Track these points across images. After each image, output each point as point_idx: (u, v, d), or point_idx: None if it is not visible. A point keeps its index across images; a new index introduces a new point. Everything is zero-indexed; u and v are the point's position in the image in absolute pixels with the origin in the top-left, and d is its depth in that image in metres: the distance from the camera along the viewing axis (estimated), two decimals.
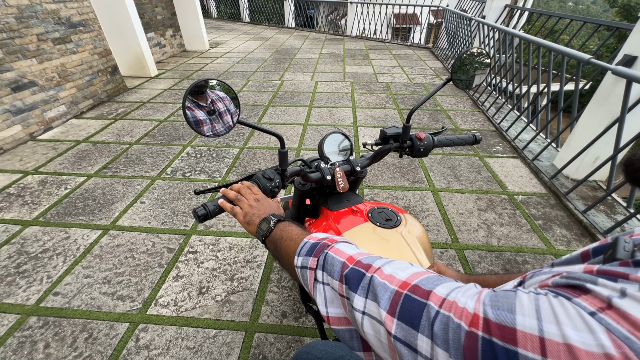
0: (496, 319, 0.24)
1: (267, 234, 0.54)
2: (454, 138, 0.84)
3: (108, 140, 2.89)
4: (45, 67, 2.99)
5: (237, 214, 0.60)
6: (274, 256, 0.54)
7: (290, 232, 0.51)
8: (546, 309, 0.23)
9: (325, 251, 0.43)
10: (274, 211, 0.60)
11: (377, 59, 5.81)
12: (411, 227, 0.75)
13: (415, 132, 0.82)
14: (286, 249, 0.49)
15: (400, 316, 0.30)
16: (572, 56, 2.14)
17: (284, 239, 0.50)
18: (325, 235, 0.47)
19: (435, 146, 0.82)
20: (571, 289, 0.25)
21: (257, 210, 0.59)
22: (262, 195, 0.63)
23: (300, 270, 0.44)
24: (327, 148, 0.82)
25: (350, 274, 0.37)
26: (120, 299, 1.47)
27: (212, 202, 0.62)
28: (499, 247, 1.76)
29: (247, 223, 0.58)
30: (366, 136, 2.97)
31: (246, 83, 4.45)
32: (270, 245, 0.53)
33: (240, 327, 1.35)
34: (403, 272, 0.34)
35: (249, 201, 0.61)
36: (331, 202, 0.82)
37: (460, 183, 2.31)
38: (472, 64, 0.71)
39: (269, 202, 0.62)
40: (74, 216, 1.96)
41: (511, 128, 3.02)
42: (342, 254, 0.41)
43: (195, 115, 0.69)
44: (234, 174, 2.40)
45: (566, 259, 0.39)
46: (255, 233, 0.57)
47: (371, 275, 0.35)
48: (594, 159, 2.14)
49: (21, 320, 1.37)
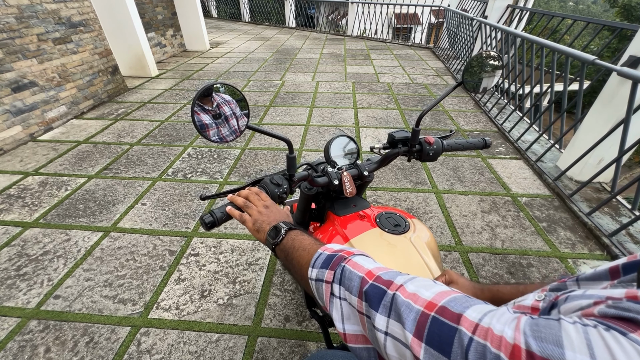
0: (541, 352, 0.23)
1: (277, 242, 0.52)
2: (463, 142, 0.83)
3: (109, 140, 2.87)
4: (46, 67, 2.97)
5: (246, 221, 0.59)
6: (283, 265, 0.53)
7: (303, 242, 0.49)
8: (599, 345, 0.21)
9: (342, 264, 0.41)
10: (283, 218, 0.58)
11: (378, 59, 5.80)
12: (420, 232, 0.74)
13: (424, 136, 0.81)
14: (298, 259, 0.47)
15: (428, 341, 0.29)
16: (576, 57, 2.13)
17: (296, 248, 0.49)
18: (340, 247, 0.46)
19: (444, 150, 0.81)
20: (623, 321, 0.23)
21: (266, 217, 0.58)
22: (270, 202, 0.62)
23: (315, 283, 0.42)
24: (334, 151, 0.81)
25: (370, 291, 0.36)
26: (121, 302, 1.45)
27: (219, 209, 0.61)
28: (503, 249, 1.75)
29: (257, 230, 0.57)
30: (368, 137, 2.96)
31: (247, 83, 4.43)
32: (280, 254, 0.52)
33: (243, 331, 1.33)
34: (427, 291, 0.32)
35: (258, 208, 0.59)
36: (338, 207, 0.81)
37: (464, 184, 2.30)
38: (483, 67, 0.70)
39: (278, 208, 0.61)
40: (75, 218, 1.95)
41: (514, 129, 3.00)
42: (361, 268, 0.39)
43: (201, 119, 0.68)
44: (235, 175, 2.39)
45: (593, 275, 0.37)
46: (264, 241, 0.55)
47: (393, 293, 0.34)
48: (599, 161, 2.12)
49: (22, 324, 1.36)
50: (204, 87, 0.58)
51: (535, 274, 1.60)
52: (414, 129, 0.76)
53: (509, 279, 1.57)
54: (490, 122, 3.30)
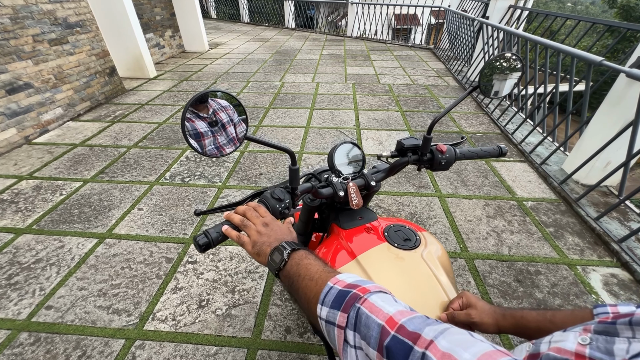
0: None
1: (280, 267, 0.47)
2: (477, 150, 0.78)
3: (105, 143, 2.82)
4: (41, 69, 2.92)
5: (244, 243, 0.53)
6: (289, 293, 0.47)
7: (309, 268, 0.44)
8: None
9: (357, 306, 0.36)
10: (285, 237, 0.53)
11: (378, 60, 5.75)
12: (431, 247, 0.69)
13: (436, 144, 0.75)
14: (305, 291, 0.42)
15: None
16: (582, 58, 2.08)
17: (302, 276, 0.44)
18: (354, 279, 0.40)
19: (457, 159, 0.76)
20: None
21: (266, 237, 0.53)
22: (270, 218, 0.56)
23: (326, 325, 0.37)
24: (338, 159, 0.75)
25: (393, 346, 0.31)
26: (116, 313, 1.40)
27: (215, 228, 0.55)
28: (510, 256, 1.70)
29: (257, 254, 0.52)
30: (370, 139, 2.91)
31: (246, 84, 4.38)
32: (284, 280, 0.47)
33: (242, 344, 1.28)
34: (466, 352, 0.26)
35: (257, 227, 0.54)
36: (343, 219, 0.76)
37: (468, 188, 2.25)
38: (501, 70, 0.65)
39: (279, 225, 0.55)
40: (69, 224, 1.89)
41: (517, 131, 2.96)
42: (379, 313, 0.34)
43: (196, 127, 0.62)
44: (235, 178, 2.33)
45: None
46: (267, 265, 0.50)
47: (423, 352, 0.28)
48: (606, 164, 2.08)
49: (11, 337, 1.30)
50: (196, 95, 0.53)
51: (544, 282, 1.55)
52: (426, 137, 0.71)
53: (517, 287, 1.52)
54: (493, 123, 3.25)
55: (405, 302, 0.61)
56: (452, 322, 0.54)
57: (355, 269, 0.65)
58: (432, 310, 0.58)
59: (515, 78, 0.66)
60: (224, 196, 2.14)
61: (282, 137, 2.93)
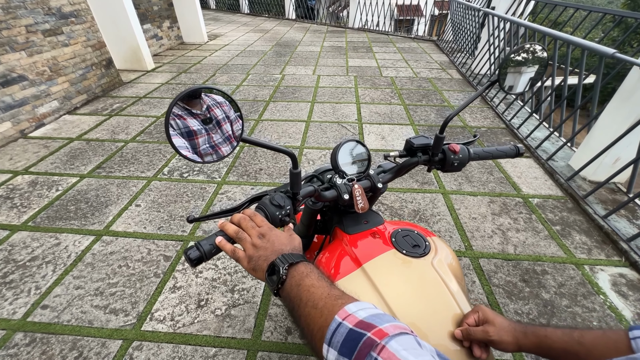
0: None
1: (277, 286, 0.43)
2: (492, 150, 0.72)
3: (102, 137, 2.76)
4: (36, 61, 2.85)
5: (239, 258, 0.49)
6: (290, 317, 0.42)
7: (312, 292, 0.39)
8: None
9: (374, 355, 0.30)
10: (284, 247, 0.48)
11: (380, 52, 5.64)
12: (442, 254, 0.64)
13: (448, 143, 0.70)
14: (307, 321, 0.37)
15: None
16: (594, 50, 2.01)
17: (304, 301, 0.39)
18: (367, 313, 0.34)
19: (471, 159, 0.71)
20: None
21: (262, 251, 0.48)
22: (267, 227, 0.51)
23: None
24: (342, 159, 0.70)
25: None
26: (113, 313, 1.37)
27: (208, 240, 0.51)
28: (516, 255, 1.66)
29: (254, 270, 0.47)
30: (372, 134, 2.85)
31: (246, 77, 4.30)
32: (285, 302, 0.42)
33: (242, 345, 1.25)
34: None
35: (252, 239, 0.49)
36: (347, 223, 0.71)
37: (472, 185, 2.20)
38: (523, 63, 0.59)
39: (277, 235, 0.51)
40: (65, 220, 1.85)
41: (523, 126, 2.89)
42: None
43: (188, 125, 0.57)
44: (234, 174, 2.29)
45: None
46: (265, 281, 0.46)
47: None
48: (615, 160, 2.02)
49: (6, 337, 1.27)
50: (181, 94, 0.47)
51: (551, 281, 1.52)
52: (438, 136, 0.66)
53: (523, 287, 1.49)
54: (498, 117, 3.19)
55: (414, 316, 0.57)
56: (467, 339, 0.50)
57: (360, 279, 0.60)
58: (444, 325, 0.54)
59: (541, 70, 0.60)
60: (223, 192, 2.10)
61: (283, 132, 2.87)
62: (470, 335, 0.49)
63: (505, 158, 0.73)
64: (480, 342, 0.50)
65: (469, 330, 0.50)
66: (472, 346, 0.50)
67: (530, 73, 0.71)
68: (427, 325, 0.54)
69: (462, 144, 0.72)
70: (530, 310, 1.39)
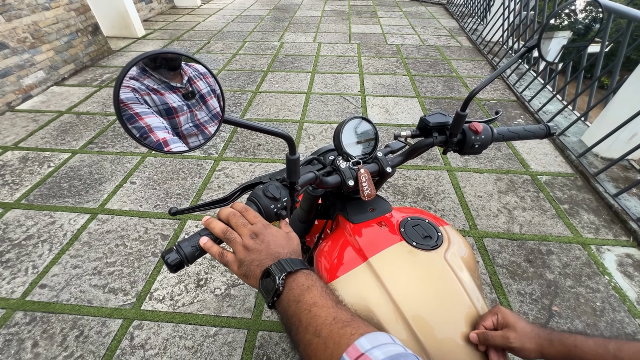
0: None
1: (272, 299, 0.37)
2: (519, 130, 0.63)
3: (93, 110, 2.64)
4: (15, 26, 2.65)
5: (228, 262, 0.42)
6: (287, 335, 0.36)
7: (314, 313, 0.33)
8: None
9: None
10: (281, 250, 0.42)
11: (385, 17, 5.28)
12: (456, 246, 0.58)
13: (470, 121, 0.61)
14: (308, 350, 0.31)
15: None
16: (621, 13, 1.83)
17: (304, 325, 0.33)
18: (384, 352, 0.28)
19: (494, 141, 0.62)
20: None
21: (255, 254, 0.41)
22: (261, 225, 0.44)
23: None
24: (346, 138, 0.62)
25: None
26: (112, 292, 1.36)
27: (190, 241, 0.44)
28: (521, 235, 1.62)
29: (245, 276, 0.41)
30: (375, 107, 2.71)
31: (242, 45, 4.05)
32: (282, 318, 0.36)
33: (242, 325, 1.25)
34: None
35: (244, 239, 0.42)
36: (351, 210, 0.64)
37: (479, 161, 2.12)
38: (570, 26, 0.49)
39: (272, 234, 0.44)
40: (59, 198, 1.80)
41: (535, 98, 2.74)
42: None
43: (166, 101, 0.48)
44: (232, 149, 2.20)
45: None
46: (258, 289, 0.40)
47: None
48: (631, 136, 1.92)
49: (7, 316, 1.27)
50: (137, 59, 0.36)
51: (556, 262, 1.49)
52: (459, 114, 0.57)
53: (527, 268, 1.46)
54: (509, 89, 3.02)
55: (424, 315, 0.52)
56: (484, 344, 0.45)
57: (365, 275, 0.55)
58: (458, 326, 0.49)
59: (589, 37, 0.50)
60: (220, 169, 2.03)
61: (282, 104, 2.74)
62: (488, 340, 0.45)
63: (534, 139, 0.65)
64: (497, 347, 0.45)
65: (487, 335, 0.45)
66: (489, 351, 0.46)
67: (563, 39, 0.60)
68: (438, 326, 0.49)
69: (483, 122, 0.63)
70: (533, 291, 1.38)
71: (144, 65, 0.42)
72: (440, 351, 0.48)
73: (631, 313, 1.30)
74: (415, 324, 0.49)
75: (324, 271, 0.60)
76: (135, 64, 0.37)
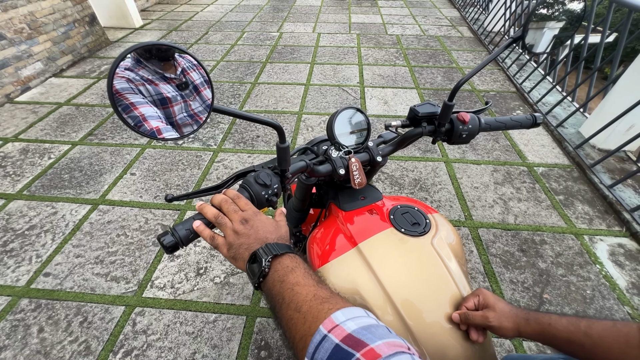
0: None
1: (258, 280, 0.39)
2: (506, 120, 0.65)
3: (92, 102, 2.64)
4: (12, 17, 2.63)
5: (219, 245, 0.44)
6: (272, 314, 0.38)
7: (296, 292, 0.35)
8: None
9: None
10: (269, 235, 0.44)
11: (386, 7, 5.20)
12: (443, 233, 0.60)
13: (457, 112, 0.63)
14: (289, 325, 0.34)
15: None
16: (622, 3, 1.81)
17: (286, 302, 0.35)
18: (357, 324, 0.30)
19: (481, 130, 0.64)
20: None
21: (244, 238, 0.43)
22: (251, 212, 0.46)
23: None
24: (339, 128, 0.63)
25: None
26: (114, 280, 1.39)
27: (184, 224, 0.46)
28: (516, 225, 1.65)
29: (233, 258, 0.43)
30: (374, 98, 2.71)
31: (241, 35, 4.01)
32: (267, 297, 0.39)
33: (241, 312, 1.29)
34: None
35: (234, 224, 0.44)
36: (343, 199, 0.67)
37: (476, 153, 2.13)
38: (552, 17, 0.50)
39: (261, 220, 0.46)
40: (60, 189, 1.83)
41: (534, 90, 2.73)
42: None
43: (160, 91, 0.50)
44: (230, 141, 2.21)
45: None
46: (245, 272, 0.42)
47: None
48: (629, 127, 1.92)
49: (12, 303, 1.31)
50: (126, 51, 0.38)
51: (549, 251, 1.52)
52: (446, 104, 0.58)
53: (520, 257, 1.49)
54: (509, 80, 3.01)
55: (410, 297, 0.54)
56: (466, 323, 0.48)
57: (354, 259, 0.57)
58: (442, 307, 0.52)
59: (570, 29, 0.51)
60: (219, 160, 2.05)
61: (280, 96, 2.73)
62: (469, 319, 0.47)
63: (520, 128, 0.66)
64: (478, 326, 0.47)
65: (467, 315, 0.47)
66: (469, 330, 0.48)
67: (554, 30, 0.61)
68: (423, 307, 0.52)
69: (472, 112, 0.65)
70: (525, 279, 1.41)
71: (139, 56, 0.44)
72: (426, 333, 0.50)
73: (620, 301, 1.33)
74: (402, 306, 0.51)
75: (315, 257, 0.63)
76: (124, 58, 0.38)
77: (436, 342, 0.50)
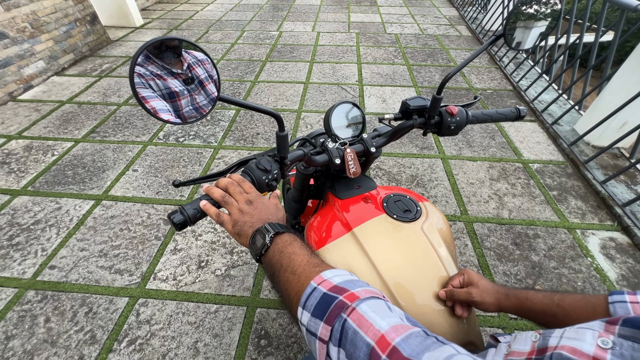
0: None
1: (261, 252, 0.43)
2: (492, 113, 0.69)
3: (94, 100, 2.68)
4: (14, 16, 2.66)
5: (224, 222, 0.48)
6: (270, 283, 0.43)
7: (293, 259, 0.40)
8: None
9: (344, 317, 0.31)
10: (270, 217, 0.48)
11: (385, 6, 5.24)
12: (433, 219, 0.64)
13: (446, 105, 0.66)
14: (286, 286, 0.38)
15: None
16: (615, 2, 1.84)
17: (284, 267, 0.39)
18: (342, 279, 0.35)
19: (469, 122, 0.68)
20: None
21: (249, 217, 0.47)
22: (255, 194, 0.51)
23: (307, 335, 0.33)
24: (335, 122, 0.67)
25: None
26: (118, 273, 1.43)
27: (192, 204, 0.50)
28: (510, 219, 1.68)
29: (237, 234, 0.47)
30: (372, 96, 2.74)
31: (241, 34, 4.04)
32: (266, 268, 0.42)
33: (242, 303, 1.32)
34: None
35: (239, 204, 0.49)
36: (339, 188, 0.70)
37: (473, 150, 2.17)
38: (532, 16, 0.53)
39: (264, 204, 0.50)
40: (64, 185, 1.86)
41: (531, 88, 2.77)
42: (369, 329, 0.29)
43: (169, 86, 0.54)
44: (231, 138, 2.25)
45: None
46: (248, 247, 0.46)
47: None
48: (622, 124, 1.96)
49: (19, 294, 1.35)
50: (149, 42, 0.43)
51: (542, 245, 1.55)
52: (435, 97, 0.62)
53: (513, 250, 1.53)
54: (506, 79, 3.04)
55: (401, 278, 0.58)
56: (451, 299, 0.52)
57: (349, 242, 0.61)
58: (430, 286, 0.55)
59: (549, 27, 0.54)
60: (220, 157, 2.08)
61: (280, 94, 2.77)
62: (454, 296, 0.51)
63: (505, 121, 0.70)
64: (462, 302, 0.51)
65: (453, 292, 0.51)
66: (455, 306, 0.52)
67: (541, 27, 0.65)
68: (413, 287, 0.56)
69: (461, 105, 0.68)
70: (518, 272, 1.45)
71: (148, 52, 0.47)
72: (417, 311, 0.54)
73: None
74: (394, 287, 0.55)
75: (312, 242, 0.67)
76: (146, 49, 0.42)
77: (426, 320, 0.54)
